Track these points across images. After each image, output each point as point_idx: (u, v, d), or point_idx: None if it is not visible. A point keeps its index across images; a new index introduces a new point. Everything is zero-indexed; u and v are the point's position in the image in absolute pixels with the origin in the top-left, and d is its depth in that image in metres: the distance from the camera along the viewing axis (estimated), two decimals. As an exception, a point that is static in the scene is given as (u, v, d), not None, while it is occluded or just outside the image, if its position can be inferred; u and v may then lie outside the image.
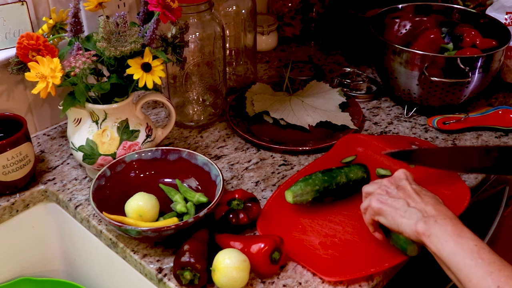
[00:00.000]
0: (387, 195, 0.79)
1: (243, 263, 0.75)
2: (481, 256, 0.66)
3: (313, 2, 1.52)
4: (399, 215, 0.76)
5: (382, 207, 0.78)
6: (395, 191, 0.79)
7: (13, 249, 1.01)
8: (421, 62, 1.09)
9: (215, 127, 1.16)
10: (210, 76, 1.12)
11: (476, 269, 0.65)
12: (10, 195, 0.97)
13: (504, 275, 0.64)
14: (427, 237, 0.71)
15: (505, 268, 0.65)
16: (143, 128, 0.95)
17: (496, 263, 0.65)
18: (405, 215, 0.75)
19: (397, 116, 1.20)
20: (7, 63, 0.95)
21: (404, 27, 1.30)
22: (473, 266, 0.66)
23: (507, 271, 0.64)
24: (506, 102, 1.25)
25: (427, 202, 0.75)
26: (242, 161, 1.05)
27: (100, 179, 0.88)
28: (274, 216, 0.89)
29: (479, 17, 1.24)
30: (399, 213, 0.76)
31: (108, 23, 0.86)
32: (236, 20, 1.22)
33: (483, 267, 0.65)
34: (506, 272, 0.64)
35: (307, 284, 0.79)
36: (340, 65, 1.42)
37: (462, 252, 0.67)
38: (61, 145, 1.09)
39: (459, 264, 0.67)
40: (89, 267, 1.03)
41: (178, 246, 0.80)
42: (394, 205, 0.77)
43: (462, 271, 0.66)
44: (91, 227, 0.92)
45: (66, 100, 0.89)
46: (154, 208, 0.85)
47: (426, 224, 0.72)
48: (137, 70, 0.87)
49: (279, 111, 1.17)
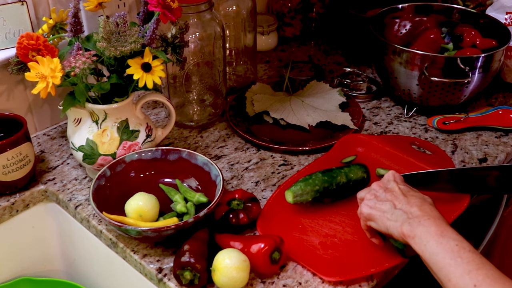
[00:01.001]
0: (376, 199, 0.79)
1: (243, 263, 0.75)
2: (461, 255, 0.66)
3: (313, 2, 1.52)
4: (386, 218, 0.76)
5: (371, 212, 0.78)
6: (383, 195, 0.79)
7: (13, 249, 1.01)
8: (421, 62, 1.09)
9: (215, 127, 1.16)
10: (210, 76, 1.12)
11: (455, 268, 0.65)
12: (10, 195, 0.97)
13: (482, 274, 0.63)
14: (412, 239, 0.71)
15: (484, 266, 0.64)
16: (143, 128, 0.95)
17: (475, 262, 0.65)
18: (391, 217, 0.75)
19: (397, 116, 1.20)
20: (7, 63, 0.95)
21: (404, 27, 1.30)
22: (452, 265, 0.66)
23: (485, 269, 0.64)
24: (506, 102, 1.25)
25: (413, 203, 0.75)
26: (242, 161, 1.05)
27: (100, 179, 0.88)
28: (274, 216, 0.89)
29: (479, 17, 1.24)
30: (387, 216, 0.76)
31: (108, 23, 0.86)
32: (236, 20, 1.22)
33: (461, 266, 0.65)
34: (484, 271, 0.64)
35: (307, 284, 0.79)
36: (340, 65, 1.42)
37: (442, 252, 0.67)
38: (61, 145, 1.09)
39: (439, 263, 0.67)
40: (89, 267, 1.03)
41: (178, 246, 0.80)
42: (382, 208, 0.77)
43: (442, 270, 0.67)
44: (91, 227, 0.92)
45: (66, 100, 0.89)
46: (154, 208, 0.85)
47: (410, 226, 0.72)
48: (137, 70, 0.87)
49: (279, 111, 1.17)
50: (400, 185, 0.80)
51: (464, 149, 1.09)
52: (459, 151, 1.08)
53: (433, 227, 0.70)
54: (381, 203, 0.78)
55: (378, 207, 0.78)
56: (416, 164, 0.99)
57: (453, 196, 0.91)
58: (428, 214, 0.73)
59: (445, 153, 1.03)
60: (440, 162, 1.00)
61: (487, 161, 1.05)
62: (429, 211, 0.73)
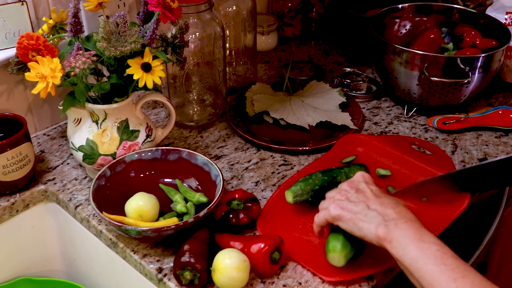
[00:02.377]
0: (347, 200, 0.77)
1: (243, 263, 0.75)
2: (444, 261, 0.64)
3: (313, 2, 1.52)
4: (359, 219, 0.73)
5: (341, 213, 0.75)
6: (354, 196, 0.77)
7: (13, 249, 1.01)
8: (421, 62, 1.09)
9: (215, 127, 1.16)
10: (210, 76, 1.12)
11: (439, 275, 0.63)
12: (10, 195, 0.97)
13: (469, 282, 0.62)
14: (388, 242, 0.69)
15: (469, 274, 0.63)
16: (143, 128, 0.95)
17: (460, 269, 0.63)
18: (365, 219, 0.73)
19: (397, 116, 1.20)
20: (7, 63, 0.95)
21: (404, 27, 1.30)
22: (436, 272, 0.63)
23: (471, 277, 0.62)
24: (506, 102, 1.25)
25: (386, 205, 0.73)
26: (242, 161, 1.05)
27: (100, 179, 0.88)
28: (274, 216, 0.89)
29: (479, 17, 1.24)
30: (359, 217, 0.73)
31: (108, 23, 0.86)
32: (236, 20, 1.22)
33: (446, 273, 0.63)
34: (469, 279, 0.62)
35: (307, 284, 0.79)
36: (340, 65, 1.42)
37: (424, 258, 0.65)
38: (61, 145, 1.09)
39: (421, 270, 0.65)
40: (89, 267, 1.03)
41: (178, 246, 0.80)
42: (354, 209, 0.75)
43: (425, 277, 0.64)
44: (91, 227, 0.92)
45: (66, 100, 0.89)
46: (154, 208, 0.85)
47: (386, 228, 0.69)
48: (137, 70, 0.87)
49: (279, 111, 1.17)
50: (371, 186, 0.78)
51: (464, 149, 1.09)
52: (459, 151, 1.08)
53: (411, 231, 0.68)
54: (353, 204, 0.75)
55: (349, 208, 0.75)
56: (416, 164, 0.99)
57: (453, 196, 0.91)
58: (404, 217, 0.71)
59: (445, 153, 1.03)
60: (440, 162, 1.00)
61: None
62: (405, 213, 0.71)
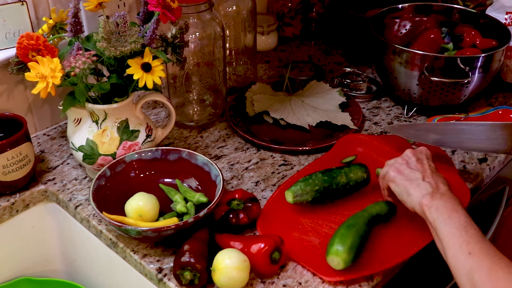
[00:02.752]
0: (406, 164, 0.85)
1: (243, 263, 0.75)
2: (467, 230, 0.71)
3: (313, 2, 1.52)
4: (411, 186, 0.81)
5: (397, 176, 0.83)
6: (414, 163, 0.84)
7: (13, 249, 1.01)
8: (421, 62, 1.09)
9: (215, 127, 1.16)
10: (210, 76, 1.12)
11: (457, 238, 0.70)
12: (10, 195, 0.97)
13: (479, 248, 0.68)
14: (428, 208, 0.76)
15: (484, 242, 0.69)
16: (143, 128, 0.95)
17: (478, 237, 0.70)
18: (417, 188, 0.80)
19: (397, 116, 1.20)
20: (7, 63, 0.95)
21: (404, 27, 1.30)
22: (456, 236, 0.71)
23: (485, 244, 0.69)
24: (506, 102, 1.25)
25: (439, 183, 0.81)
26: (242, 161, 1.05)
27: (100, 179, 0.88)
28: (274, 216, 0.89)
29: (479, 17, 1.24)
30: (413, 184, 0.81)
31: (108, 23, 0.86)
32: (236, 20, 1.22)
33: (463, 237, 0.70)
34: (482, 245, 0.68)
35: (307, 284, 0.79)
36: (340, 65, 1.42)
37: (451, 223, 0.73)
38: (61, 145, 1.09)
39: (445, 232, 0.72)
40: (89, 267, 1.03)
41: (178, 246, 0.80)
42: (410, 176, 0.82)
43: (445, 238, 0.72)
44: (91, 227, 0.92)
45: (66, 100, 0.89)
46: (154, 208, 0.85)
47: (432, 197, 0.77)
48: (137, 70, 0.87)
49: (279, 111, 1.17)
50: (430, 162, 0.86)
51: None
52: (459, 151, 1.08)
53: (450, 203, 0.76)
54: (410, 171, 0.83)
55: (406, 173, 0.83)
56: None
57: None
58: (450, 194, 0.78)
59: (445, 153, 1.03)
60: (440, 162, 0.99)
61: (487, 161, 1.05)
62: (451, 193, 0.79)
